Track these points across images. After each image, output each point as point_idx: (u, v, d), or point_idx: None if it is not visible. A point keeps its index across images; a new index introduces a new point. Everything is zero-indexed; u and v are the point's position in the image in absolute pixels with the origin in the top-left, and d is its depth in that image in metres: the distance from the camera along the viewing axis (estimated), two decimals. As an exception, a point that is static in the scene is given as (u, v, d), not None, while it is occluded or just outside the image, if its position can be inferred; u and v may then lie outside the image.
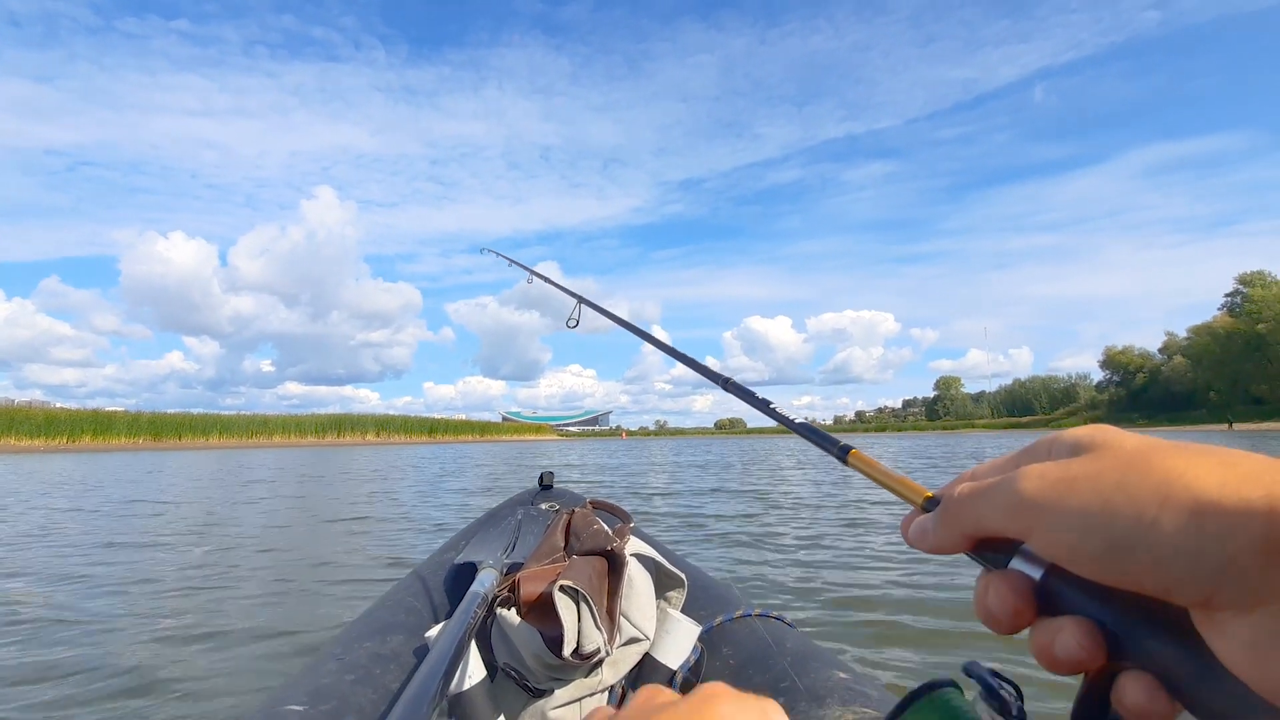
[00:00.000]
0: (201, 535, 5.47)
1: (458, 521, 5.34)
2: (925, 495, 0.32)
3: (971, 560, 0.29)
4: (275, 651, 2.45)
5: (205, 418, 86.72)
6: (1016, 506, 0.25)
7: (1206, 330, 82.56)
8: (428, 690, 0.66)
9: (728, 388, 0.68)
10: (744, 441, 59.11)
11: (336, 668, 0.90)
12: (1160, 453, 0.23)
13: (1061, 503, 0.24)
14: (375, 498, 8.36)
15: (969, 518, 0.28)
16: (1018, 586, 0.25)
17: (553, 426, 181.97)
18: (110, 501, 8.48)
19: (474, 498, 7.86)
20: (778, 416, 0.54)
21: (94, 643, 2.57)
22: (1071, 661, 0.24)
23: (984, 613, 0.27)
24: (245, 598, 3.30)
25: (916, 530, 0.31)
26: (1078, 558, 0.23)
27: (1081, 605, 0.24)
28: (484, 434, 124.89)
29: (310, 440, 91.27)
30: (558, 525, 1.06)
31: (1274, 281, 77.55)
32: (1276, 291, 74.62)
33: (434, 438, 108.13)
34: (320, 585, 3.53)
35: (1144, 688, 0.23)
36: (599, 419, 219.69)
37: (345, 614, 2.87)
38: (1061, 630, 0.24)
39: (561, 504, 1.34)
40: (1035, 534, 0.25)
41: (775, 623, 0.98)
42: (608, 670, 0.95)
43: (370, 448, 56.74)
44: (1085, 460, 0.24)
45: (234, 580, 3.71)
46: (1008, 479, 0.26)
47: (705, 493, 8.16)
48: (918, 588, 3.17)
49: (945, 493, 0.30)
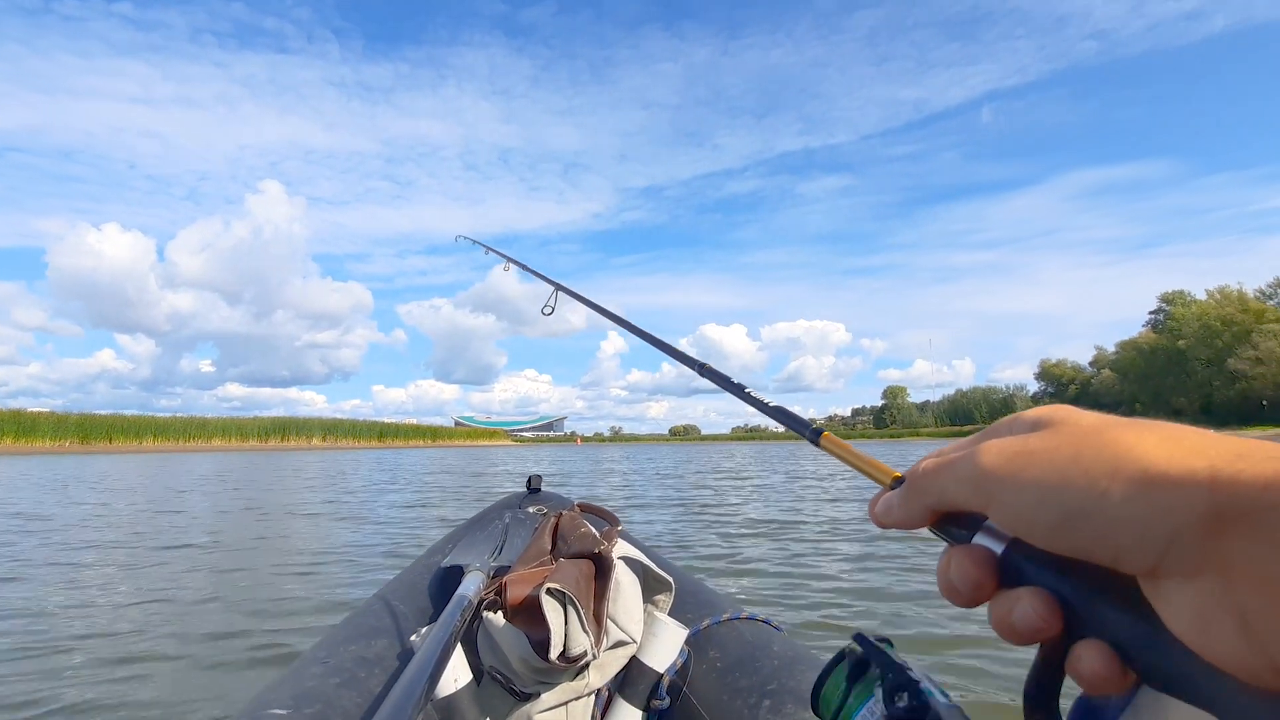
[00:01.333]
0: (98, 563, 4.45)
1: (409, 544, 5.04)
2: (893, 475, 0.33)
3: (936, 536, 0.30)
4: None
5: (139, 419, 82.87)
6: (977, 479, 0.26)
7: (1133, 345, 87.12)
8: (412, 694, 0.66)
9: (703, 373, 0.69)
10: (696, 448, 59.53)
11: (321, 671, 0.88)
12: (1113, 428, 0.24)
13: (1019, 475, 0.25)
14: (318, 516, 7.15)
15: (932, 491, 0.28)
16: (979, 560, 0.26)
17: (507, 432, 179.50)
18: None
19: (426, 522, 6.54)
20: (752, 400, 0.56)
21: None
22: (1029, 631, 0.25)
23: (946, 586, 0.27)
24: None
25: (883, 506, 0.31)
26: (1034, 528, 0.24)
27: (1040, 577, 0.25)
28: (435, 439, 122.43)
29: (252, 444, 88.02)
30: (545, 528, 1.07)
31: (1194, 301, 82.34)
32: (1196, 310, 79.26)
33: (384, 442, 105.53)
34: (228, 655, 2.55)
35: (1097, 655, 0.23)
36: (554, 425, 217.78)
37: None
38: (1020, 600, 0.25)
39: (549, 507, 1.34)
40: (994, 505, 0.26)
41: (762, 626, 1.00)
42: (594, 673, 0.96)
43: (316, 453, 54.82)
44: (1043, 435, 0.26)
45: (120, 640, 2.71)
46: (969, 453, 0.27)
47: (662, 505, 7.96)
48: (907, 594, 3.23)
49: (911, 471, 0.31)
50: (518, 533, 1.16)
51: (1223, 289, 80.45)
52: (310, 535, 5.58)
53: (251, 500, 8.90)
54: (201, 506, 8.23)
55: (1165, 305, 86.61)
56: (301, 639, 2.62)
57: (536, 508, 1.35)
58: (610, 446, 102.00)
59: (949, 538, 0.29)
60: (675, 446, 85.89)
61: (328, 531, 5.70)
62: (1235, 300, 78.20)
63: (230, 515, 7.19)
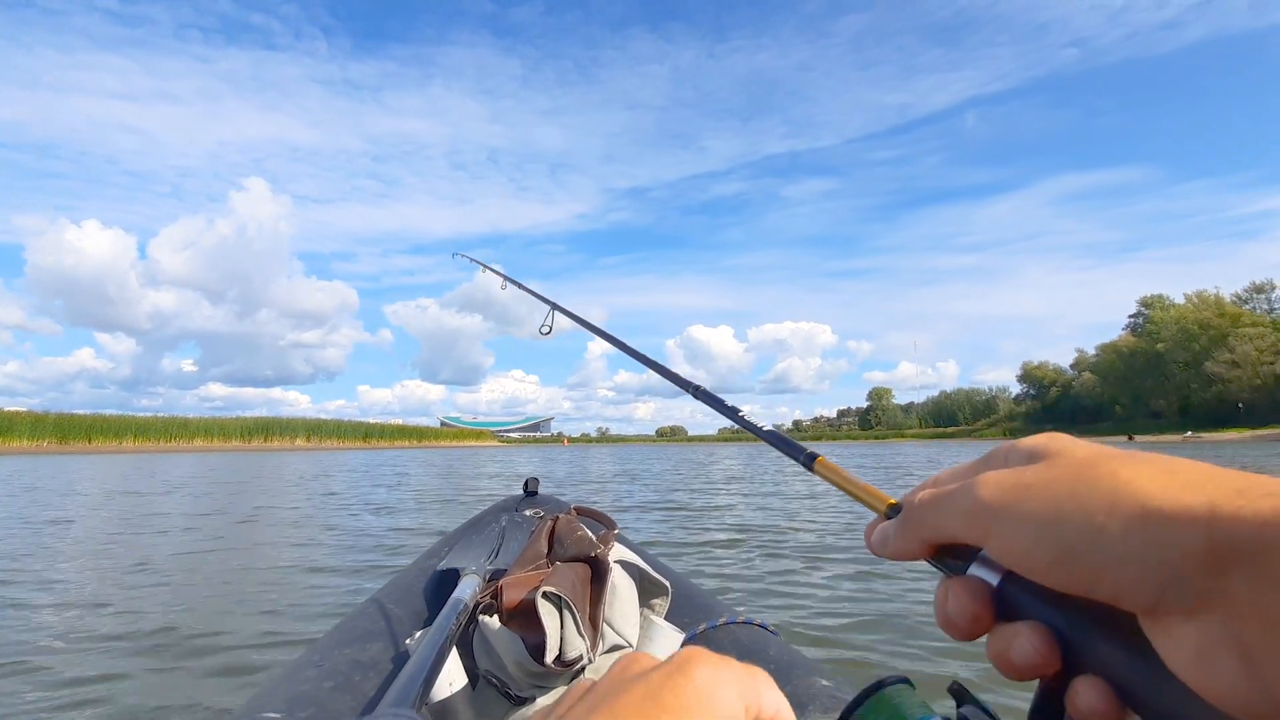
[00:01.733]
0: (70, 572, 4.12)
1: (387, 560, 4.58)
2: (889, 503, 0.33)
3: (932, 567, 0.29)
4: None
5: (118, 419, 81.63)
6: (973, 512, 0.26)
7: (1113, 348, 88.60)
8: (407, 697, 0.66)
9: (697, 395, 0.69)
10: (685, 449, 59.58)
11: (315, 674, 0.88)
12: (1110, 461, 0.24)
13: (1016, 508, 0.24)
14: (300, 523, 6.55)
15: (928, 524, 0.28)
16: (976, 592, 0.26)
17: (493, 433, 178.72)
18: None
19: (404, 532, 5.94)
20: (746, 424, 0.55)
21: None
22: (1028, 667, 0.24)
23: (943, 619, 0.27)
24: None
25: (879, 537, 0.31)
26: (1031, 563, 0.24)
27: (1037, 611, 0.25)
28: (421, 440, 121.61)
29: (235, 445, 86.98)
30: (541, 532, 1.06)
31: (1172, 305, 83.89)
32: (1174, 314, 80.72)
33: (369, 443, 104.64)
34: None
35: (1096, 692, 0.23)
36: (540, 425, 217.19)
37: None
38: (1018, 636, 0.25)
39: (546, 510, 1.33)
40: (991, 539, 0.25)
41: (758, 630, 1.00)
42: (590, 677, 0.95)
43: (300, 453, 54.20)
44: (1039, 468, 0.25)
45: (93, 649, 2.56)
46: (965, 485, 0.27)
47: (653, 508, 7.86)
48: (901, 600, 3.23)
49: (907, 500, 0.30)
50: (514, 536, 1.16)
51: (1200, 293, 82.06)
52: (283, 544, 5.29)
53: (227, 505, 8.47)
54: (174, 511, 7.87)
55: (1144, 309, 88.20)
56: (264, 655, 2.49)
57: (533, 511, 1.34)
58: (597, 447, 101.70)
59: (945, 569, 0.29)
60: (663, 447, 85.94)
61: (300, 540, 5.43)
62: (1212, 304, 79.71)
63: (205, 521, 6.87)
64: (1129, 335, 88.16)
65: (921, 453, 31.95)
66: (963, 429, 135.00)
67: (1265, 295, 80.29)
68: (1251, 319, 74.89)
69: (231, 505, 8.46)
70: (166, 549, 5.05)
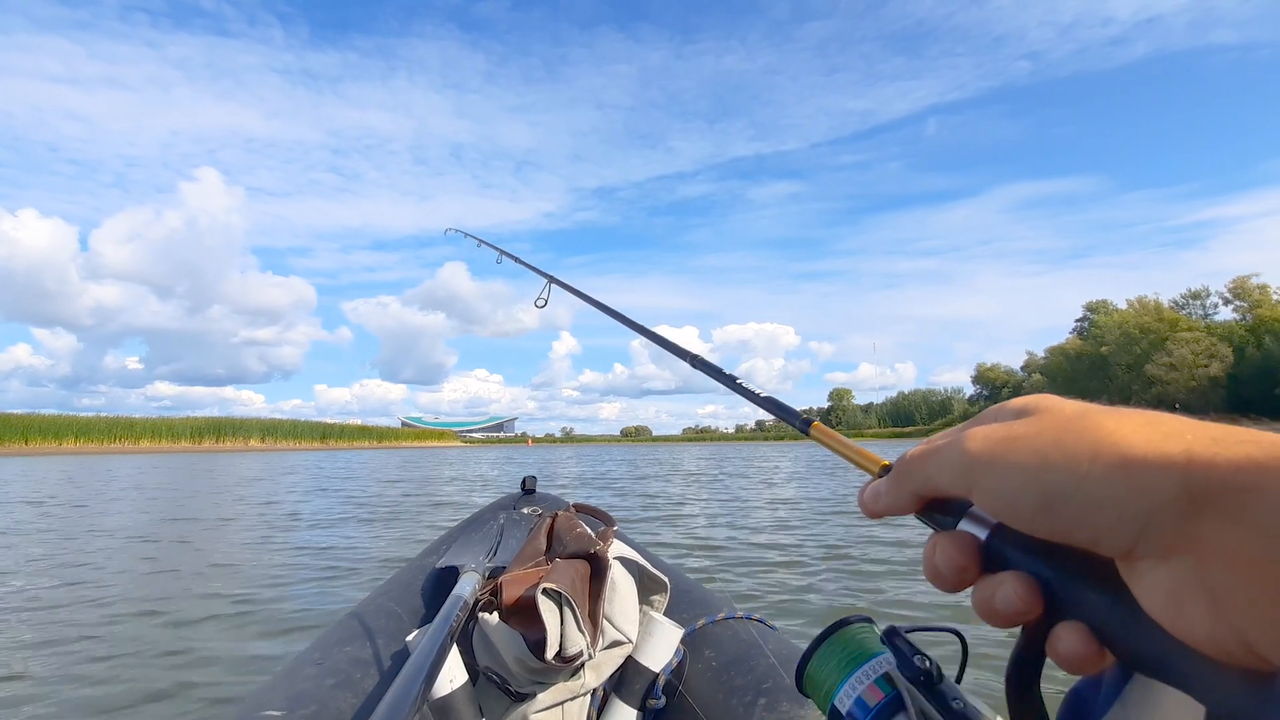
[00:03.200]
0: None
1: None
2: (882, 464, 0.34)
3: (922, 523, 0.31)
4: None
5: (58, 419, 77.98)
6: (962, 464, 0.27)
7: (1060, 351, 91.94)
8: (408, 694, 0.66)
9: (695, 364, 0.71)
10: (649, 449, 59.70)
11: (315, 672, 0.87)
12: (1095, 414, 0.25)
13: (1003, 459, 0.25)
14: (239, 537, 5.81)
15: (918, 477, 0.29)
16: (964, 546, 0.27)
17: (456, 433, 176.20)
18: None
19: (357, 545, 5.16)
20: (744, 391, 0.57)
21: None
22: (1011, 613, 0.25)
23: (931, 571, 0.28)
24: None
25: (870, 494, 0.32)
26: (1017, 511, 0.25)
27: (1021, 561, 0.26)
28: (381, 440, 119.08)
29: (185, 445, 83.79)
30: (540, 529, 1.07)
31: (1115, 310, 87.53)
32: (1117, 319, 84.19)
33: (326, 444, 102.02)
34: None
35: (1076, 636, 0.24)
36: (504, 425, 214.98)
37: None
38: (1002, 585, 0.25)
39: (544, 508, 1.34)
40: (978, 490, 0.26)
41: (757, 625, 1.01)
42: (590, 673, 0.96)
43: (255, 454, 52.51)
44: (1026, 421, 0.26)
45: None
46: (954, 439, 0.28)
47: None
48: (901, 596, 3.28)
49: (900, 457, 0.31)
50: (513, 533, 1.16)
51: (1141, 299, 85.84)
52: (227, 557, 4.79)
53: (169, 512, 7.94)
54: (111, 517, 7.39)
55: (1090, 313, 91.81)
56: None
57: (532, 508, 1.34)
58: (562, 447, 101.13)
59: (935, 524, 0.30)
60: (627, 447, 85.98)
61: (247, 555, 4.90)
62: (1152, 310, 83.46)
63: (142, 531, 6.19)
64: (1075, 338, 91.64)
65: (881, 451, 32.57)
66: (920, 429, 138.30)
67: (1200, 301, 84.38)
68: (1188, 324, 78.63)
69: (174, 513, 7.91)
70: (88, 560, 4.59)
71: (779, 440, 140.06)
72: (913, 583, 3.55)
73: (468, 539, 1.18)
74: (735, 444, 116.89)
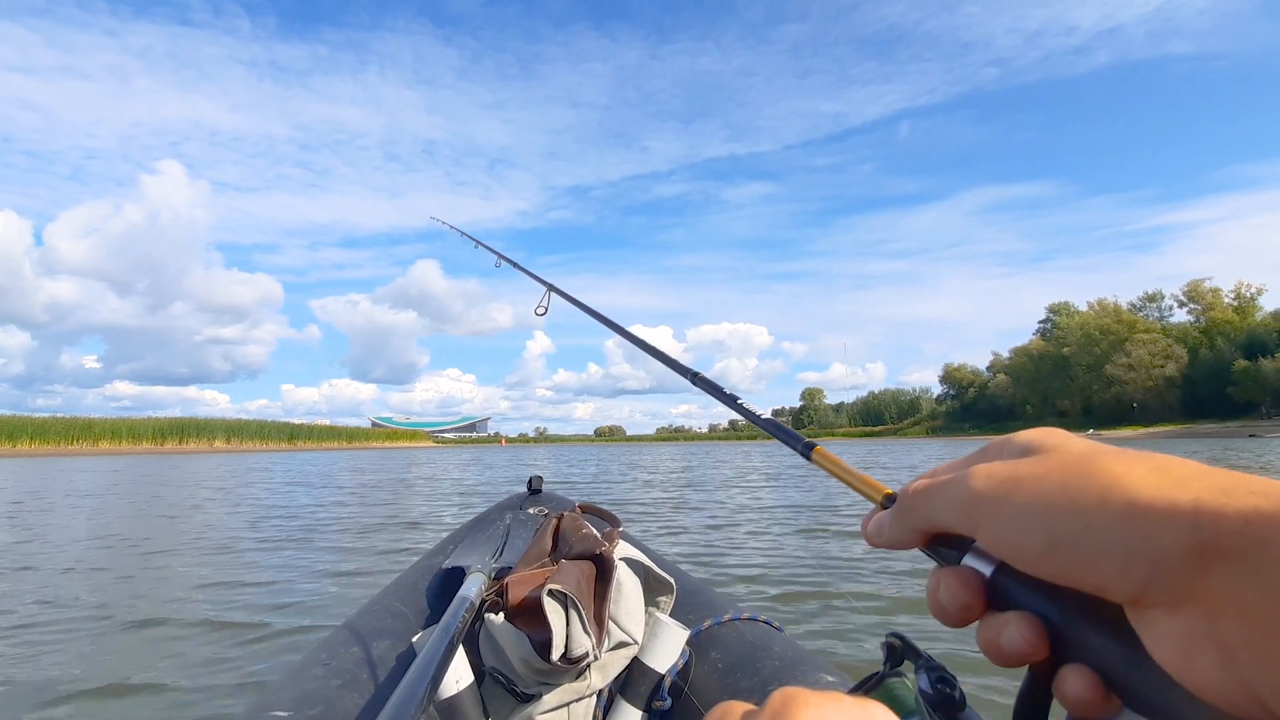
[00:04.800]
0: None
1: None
2: (885, 493, 0.33)
3: (927, 557, 0.30)
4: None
5: (11, 420, 74.95)
6: (966, 503, 0.26)
7: (1024, 351, 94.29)
8: (414, 695, 0.66)
9: (696, 382, 0.70)
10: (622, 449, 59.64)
11: (322, 672, 0.87)
12: (1102, 457, 0.24)
13: (1007, 500, 0.25)
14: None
15: (922, 513, 0.29)
16: (968, 582, 0.27)
17: (428, 433, 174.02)
18: None
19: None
20: (745, 412, 0.56)
21: None
22: (1016, 654, 0.25)
23: (935, 606, 0.28)
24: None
25: (874, 526, 0.32)
26: (1021, 554, 0.24)
27: (1027, 601, 0.25)
28: (351, 441, 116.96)
29: (147, 447, 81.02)
30: (546, 529, 1.06)
31: (1076, 311, 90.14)
32: (1078, 320, 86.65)
33: (295, 445, 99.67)
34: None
35: (1083, 680, 0.24)
36: (477, 425, 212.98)
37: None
38: (1008, 625, 0.25)
39: (550, 508, 1.33)
40: (982, 530, 0.26)
41: (763, 626, 1.02)
42: (596, 674, 0.97)
43: (220, 456, 51.15)
44: (1032, 461, 0.26)
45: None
46: (959, 476, 0.27)
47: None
48: (902, 594, 3.30)
49: (903, 491, 0.31)
50: (519, 534, 1.16)
51: (1101, 301, 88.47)
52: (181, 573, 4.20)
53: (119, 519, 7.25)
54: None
55: (1052, 315, 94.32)
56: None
57: (537, 509, 1.34)
58: (535, 447, 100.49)
59: (938, 558, 0.29)
60: (601, 447, 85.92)
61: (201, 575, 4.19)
62: (1112, 312, 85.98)
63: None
64: (1039, 339, 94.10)
65: (848, 450, 33.18)
66: (889, 428, 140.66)
67: (1156, 304, 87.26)
68: (1145, 325, 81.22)
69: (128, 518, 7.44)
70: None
71: (750, 440, 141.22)
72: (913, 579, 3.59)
73: (474, 539, 1.17)
74: (704, 443, 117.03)
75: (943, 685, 0.35)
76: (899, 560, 3.96)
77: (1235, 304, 78.92)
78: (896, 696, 0.41)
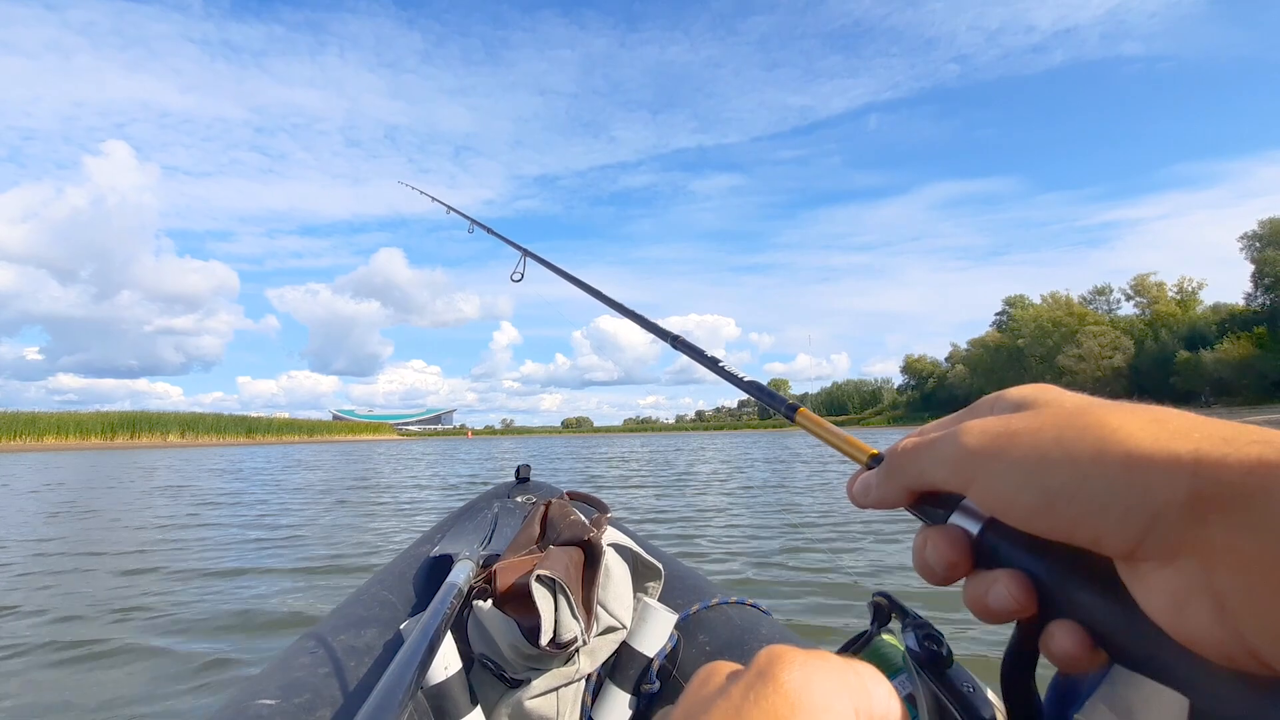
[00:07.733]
0: None
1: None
2: (870, 453, 0.33)
3: (912, 515, 0.30)
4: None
5: (-55, 415, 70.93)
6: (958, 459, 0.26)
7: (981, 343, 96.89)
8: (403, 681, 0.66)
9: (676, 345, 0.70)
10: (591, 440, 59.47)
11: (310, 661, 0.86)
12: (1097, 409, 0.24)
13: (1001, 455, 0.24)
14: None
15: (912, 470, 0.28)
16: (955, 541, 0.26)
17: (392, 425, 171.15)
18: None
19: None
20: (727, 375, 0.56)
21: None
22: (1004, 611, 0.25)
23: (921, 565, 0.27)
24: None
25: (860, 486, 0.31)
26: (1014, 509, 0.24)
27: (1015, 558, 0.25)
28: (312, 434, 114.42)
29: (96, 443, 77.89)
30: (534, 516, 1.06)
31: (1031, 304, 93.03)
32: (1032, 313, 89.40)
33: (253, 439, 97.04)
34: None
35: (1071, 635, 0.24)
36: (442, 418, 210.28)
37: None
38: (995, 582, 0.25)
39: (538, 496, 1.33)
40: (975, 486, 0.25)
41: (750, 610, 1.03)
42: (585, 659, 0.97)
43: (174, 450, 49.28)
44: (1025, 415, 0.25)
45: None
46: (950, 433, 0.27)
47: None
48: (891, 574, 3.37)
49: (890, 450, 0.30)
50: (507, 522, 1.15)
51: (1054, 294, 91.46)
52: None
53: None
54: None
55: (1008, 307, 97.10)
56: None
57: (525, 497, 1.34)
58: (502, 439, 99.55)
59: (925, 517, 0.29)
60: (568, 439, 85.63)
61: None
62: (1064, 304, 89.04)
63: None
64: (995, 331, 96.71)
65: (808, 440, 33.73)
66: (852, 417, 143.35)
67: (1105, 297, 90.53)
68: (1095, 318, 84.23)
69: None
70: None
71: (718, 430, 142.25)
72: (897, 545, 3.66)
73: (462, 527, 1.17)
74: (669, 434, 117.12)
75: (930, 643, 0.35)
76: (881, 520, 4.05)
77: (1178, 298, 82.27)
78: (884, 655, 0.42)
